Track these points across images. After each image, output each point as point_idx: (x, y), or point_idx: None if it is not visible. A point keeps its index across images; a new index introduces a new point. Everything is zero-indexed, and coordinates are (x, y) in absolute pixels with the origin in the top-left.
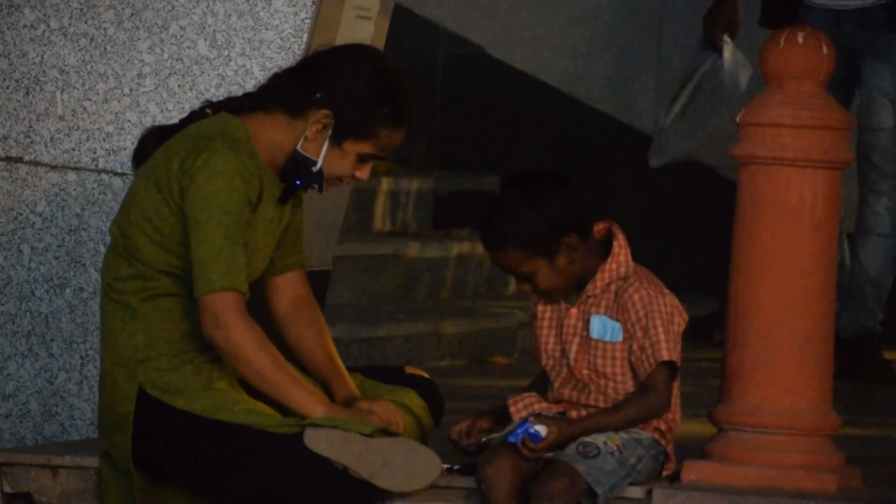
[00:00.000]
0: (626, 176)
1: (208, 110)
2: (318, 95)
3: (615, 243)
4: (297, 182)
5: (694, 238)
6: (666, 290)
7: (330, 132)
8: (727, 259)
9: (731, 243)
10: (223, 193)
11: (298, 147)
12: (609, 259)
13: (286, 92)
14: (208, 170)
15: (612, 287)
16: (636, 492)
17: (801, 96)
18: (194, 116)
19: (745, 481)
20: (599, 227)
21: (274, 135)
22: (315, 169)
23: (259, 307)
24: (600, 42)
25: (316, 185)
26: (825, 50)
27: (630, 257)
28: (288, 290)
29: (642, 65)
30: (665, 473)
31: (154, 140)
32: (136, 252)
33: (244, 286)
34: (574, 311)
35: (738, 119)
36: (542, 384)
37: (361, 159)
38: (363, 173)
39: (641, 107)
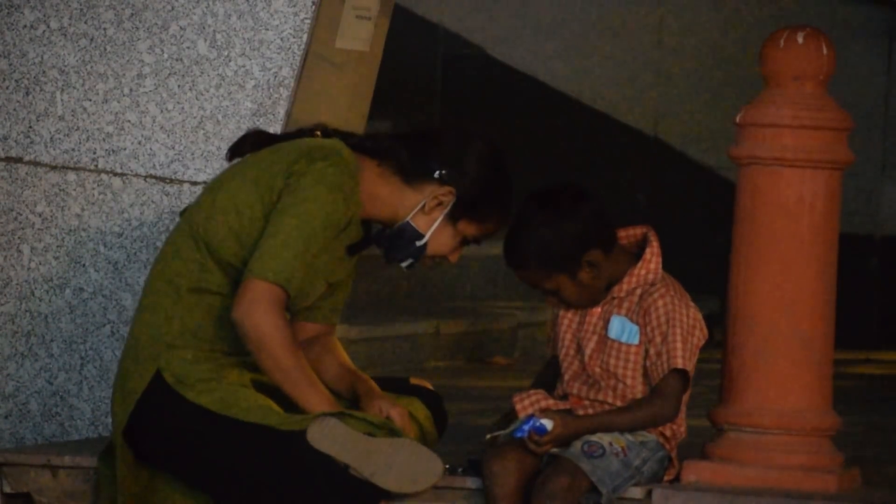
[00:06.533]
0: (626, 176)
1: (318, 132)
2: (442, 172)
3: (648, 249)
4: (393, 251)
5: (694, 238)
6: (691, 303)
7: (448, 209)
8: (727, 259)
9: (731, 243)
10: (321, 202)
11: (409, 218)
12: (639, 264)
13: (404, 157)
14: (317, 175)
15: (638, 291)
16: (636, 492)
17: (801, 96)
18: (302, 134)
19: (744, 481)
20: (636, 233)
21: (378, 188)
22: (420, 243)
23: None
24: (600, 41)
25: (411, 260)
26: (825, 50)
27: (660, 265)
28: (310, 333)
29: (642, 64)
30: (667, 478)
31: (252, 141)
32: (209, 236)
33: (291, 289)
34: (598, 310)
35: (737, 119)
36: (544, 381)
37: (463, 242)
38: (455, 256)
39: (642, 106)
